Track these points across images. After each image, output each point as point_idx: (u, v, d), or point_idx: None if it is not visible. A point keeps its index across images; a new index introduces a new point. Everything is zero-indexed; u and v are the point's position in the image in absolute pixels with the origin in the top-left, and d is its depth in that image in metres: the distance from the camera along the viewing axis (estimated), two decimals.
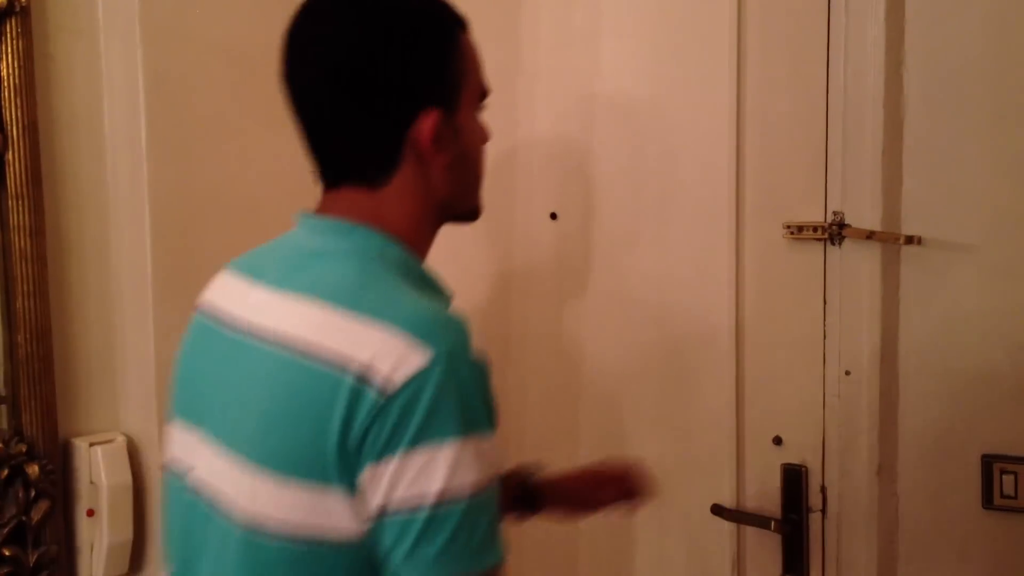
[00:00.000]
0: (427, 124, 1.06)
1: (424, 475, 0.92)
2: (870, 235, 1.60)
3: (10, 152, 1.70)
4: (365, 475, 0.94)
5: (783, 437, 1.73)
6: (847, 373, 1.64)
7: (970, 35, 1.55)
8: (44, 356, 1.76)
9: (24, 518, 1.75)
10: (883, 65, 1.59)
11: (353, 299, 0.99)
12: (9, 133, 1.69)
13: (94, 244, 1.87)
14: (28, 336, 1.73)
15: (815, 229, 1.65)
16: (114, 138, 1.87)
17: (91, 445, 1.82)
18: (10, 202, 1.71)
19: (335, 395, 0.94)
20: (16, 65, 1.70)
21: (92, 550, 1.84)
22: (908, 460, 1.64)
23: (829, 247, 1.65)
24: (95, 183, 1.86)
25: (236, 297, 1.11)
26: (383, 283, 1.02)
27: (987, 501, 1.57)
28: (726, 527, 1.80)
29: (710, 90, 1.75)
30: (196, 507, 1.08)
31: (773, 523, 1.71)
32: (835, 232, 1.63)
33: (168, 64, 1.86)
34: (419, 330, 0.94)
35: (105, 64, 1.85)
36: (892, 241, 1.59)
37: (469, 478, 0.93)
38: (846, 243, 1.63)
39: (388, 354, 0.93)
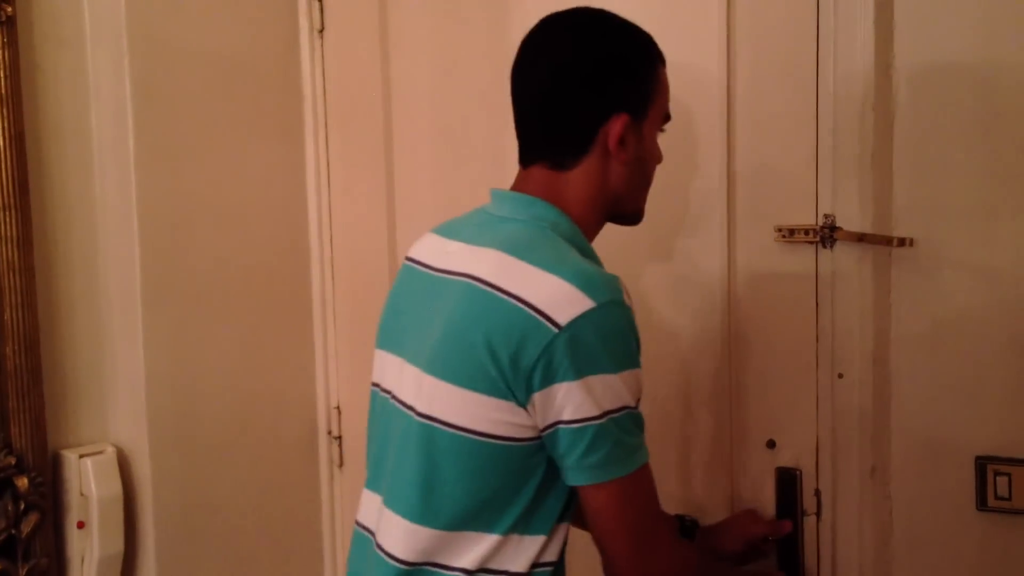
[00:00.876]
0: (618, 123, 1.29)
1: (592, 398, 1.15)
2: (861, 237, 1.60)
3: None
4: (538, 394, 1.16)
5: (776, 440, 1.72)
6: (840, 376, 1.64)
7: (960, 37, 1.55)
8: (32, 368, 1.74)
9: (14, 531, 1.74)
10: (872, 67, 1.59)
11: (527, 252, 1.21)
12: None
13: (82, 254, 1.86)
14: (16, 347, 1.72)
15: (807, 232, 1.65)
16: (101, 148, 1.86)
17: (81, 457, 1.81)
18: None
19: (512, 318, 1.16)
20: (2, 75, 1.69)
21: (83, 562, 1.83)
22: (901, 462, 1.63)
23: (821, 250, 1.65)
24: (83, 193, 1.85)
25: (437, 250, 1.35)
26: (553, 244, 1.24)
27: (981, 503, 1.57)
28: None
29: (700, 92, 1.75)
30: (390, 412, 1.33)
31: None
32: (827, 235, 1.63)
33: (155, 74, 1.85)
34: (584, 281, 1.16)
35: (92, 74, 1.85)
36: (884, 243, 1.60)
37: (623, 400, 1.18)
38: (838, 246, 1.63)
39: (559, 296, 1.15)
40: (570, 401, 1.16)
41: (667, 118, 1.39)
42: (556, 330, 1.14)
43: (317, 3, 2.19)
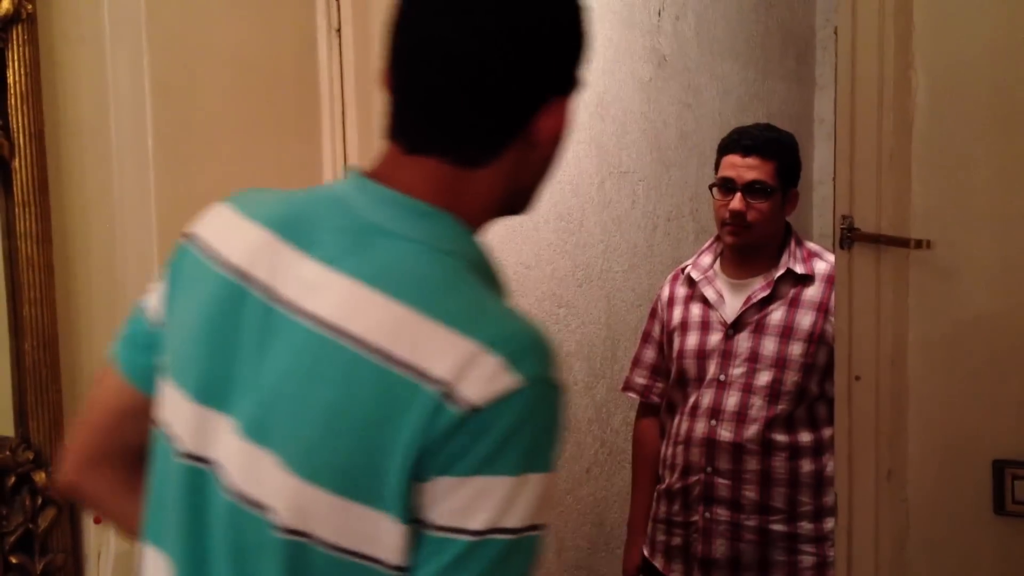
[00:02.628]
0: (557, 111, 0.97)
1: (479, 502, 0.87)
2: (879, 239, 1.60)
3: (17, 159, 1.69)
4: (420, 490, 0.88)
5: None
6: (857, 378, 1.64)
7: (980, 38, 1.54)
8: (51, 364, 1.75)
9: (31, 526, 1.75)
10: (892, 68, 1.58)
11: (435, 303, 0.90)
12: (16, 140, 1.69)
13: (101, 251, 1.87)
14: (35, 343, 1.73)
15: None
16: (120, 145, 1.86)
17: None
18: (17, 209, 1.70)
19: (412, 404, 0.87)
20: (23, 72, 1.69)
21: (99, 557, 1.84)
22: (918, 466, 1.63)
23: (838, 251, 1.64)
24: (101, 190, 1.86)
25: (279, 265, 0.96)
26: (467, 288, 0.93)
27: (998, 507, 1.56)
28: None
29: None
30: (210, 496, 0.97)
31: None
32: (844, 236, 1.62)
33: (174, 72, 1.86)
34: (511, 351, 0.88)
35: (111, 71, 1.85)
36: (901, 245, 1.59)
37: (520, 516, 0.87)
38: (855, 247, 1.62)
39: (475, 371, 0.86)
40: (450, 500, 0.87)
41: (582, 87, 1.06)
42: (467, 412, 0.86)
43: (335, 1, 2.19)
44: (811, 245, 2.28)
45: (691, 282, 2.32)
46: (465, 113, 0.95)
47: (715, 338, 2.22)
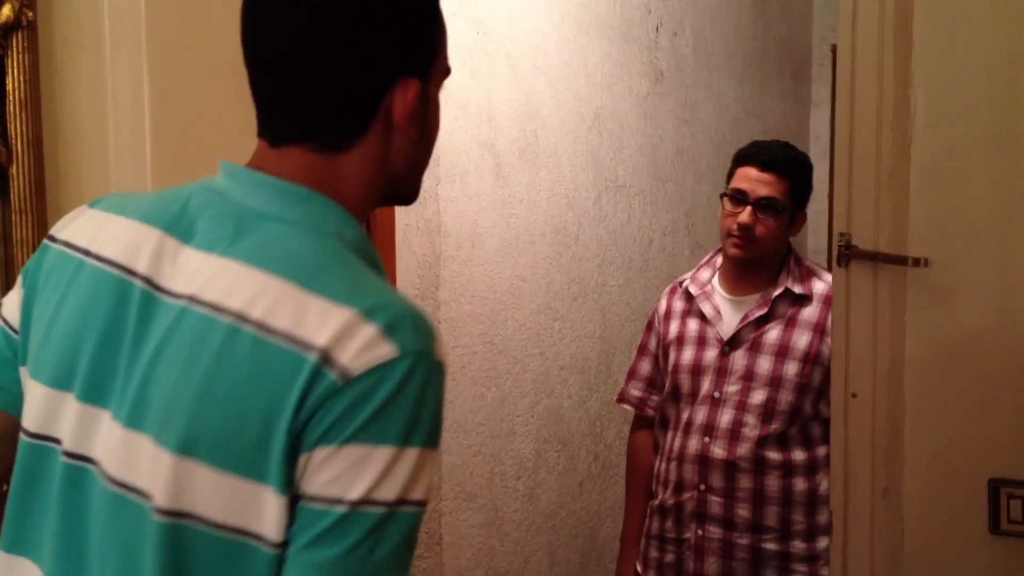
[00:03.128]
0: (411, 93, 0.98)
1: (355, 471, 0.86)
2: (877, 256, 1.60)
3: (14, 166, 1.69)
4: (300, 462, 0.87)
5: None
6: (853, 395, 1.64)
7: (979, 58, 1.55)
8: None
9: None
10: (892, 86, 1.59)
11: (314, 279, 0.91)
12: (13, 147, 1.69)
13: None
14: None
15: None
16: (119, 152, 1.86)
17: None
18: (14, 216, 1.70)
19: (295, 373, 0.87)
20: (22, 79, 1.69)
21: None
22: (914, 484, 1.62)
23: (835, 268, 1.64)
24: (99, 197, 1.85)
25: (159, 257, 0.96)
26: (346, 266, 0.94)
27: (994, 526, 1.56)
28: None
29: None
30: (90, 493, 0.95)
31: None
32: (842, 253, 1.62)
33: (174, 79, 1.85)
34: (389, 321, 0.88)
35: (111, 79, 1.85)
36: (899, 263, 1.59)
37: (396, 488, 0.87)
38: (853, 264, 1.62)
39: (353, 339, 0.87)
40: (327, 470, 0.86)
41: (447, 72, 1.07)
42: (345, 380, 0.86)
43: None
44: (810, 264, 2.28)
45: (689, 296, 2.31)
46: (315, 99, 0.97)
47: (711, 354, 2.22)
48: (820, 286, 2.18)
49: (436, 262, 2.52)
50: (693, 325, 2.28)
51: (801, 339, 2.13)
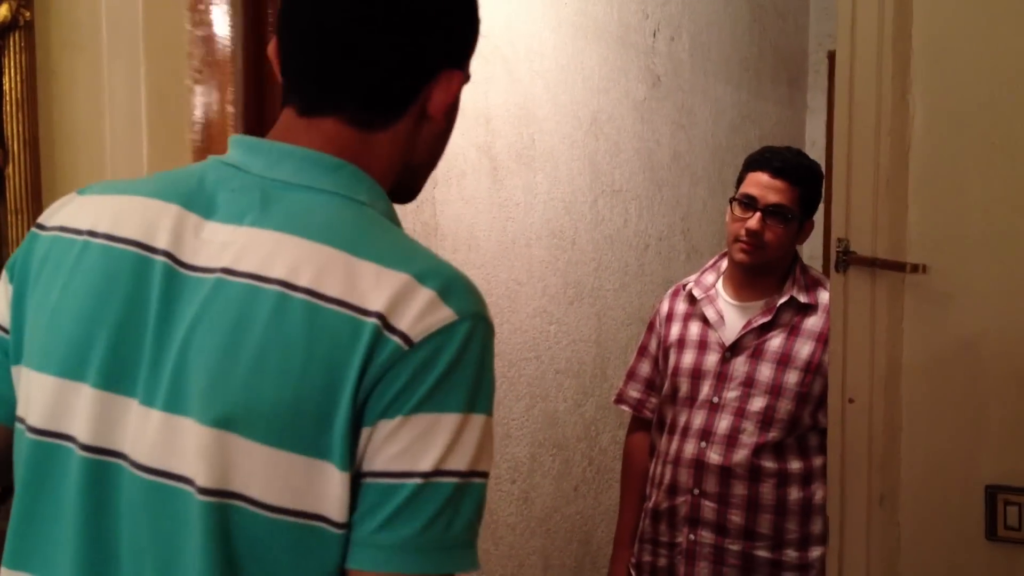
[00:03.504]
0: (453, 84, 0.97)
1: (425, 440, 0.82)
2: (875, 263, 1.60)
3: (10, 166, 1.68)
4: (364, 436, 0.83)
5: None
6: (850, 401, 1.64)
7: (978, 65, 1.55)
8: None
9: None
10: (890, 93, 1.59)
11: (360, 244, 0.87)
12: (10, 148, 1.68)
13: None
14: None
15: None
16: (115, 153, 1.85)
17: None
18: (9, 217, 1.69)
19: (354, 341, 0.82)
20: (18, 80, 1.69)
21: None
22: (911, 489, 1.63)
23: (833, 274, 1.64)
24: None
25: (180, 232, 0.91)
26: (388, 231, 0.91)
27: (990, 532, 1.56)
28: None
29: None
30: (119, 489, 0.88)
31: None
32: (840, 259, 1.63)
33: (170, 80, 1.85)
34: (444, 284, 0.85)
35: (107, 80, 1.84)
36: (897, 269, 1.59)
37: (467, 458, 0.84)
38: (851, 270, 1.63)
39: (411, 304, 0.83)
40: (394, 442, 0.82)
41: (468, 78, 1.05)
42: (410, 344, 0.82)
43: None
44: (816, 274, 2.25)
45: (692, 299, 2.29)
46: (359, 78, 0.95)
47: (712, 359, 2.20)
48: (825, 296, 2.12)
49: None
50: (695, 328, 2.26)
51: (804, 348, 2.10)
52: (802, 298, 2.14)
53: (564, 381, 2.97)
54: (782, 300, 2.14)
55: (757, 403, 2.11)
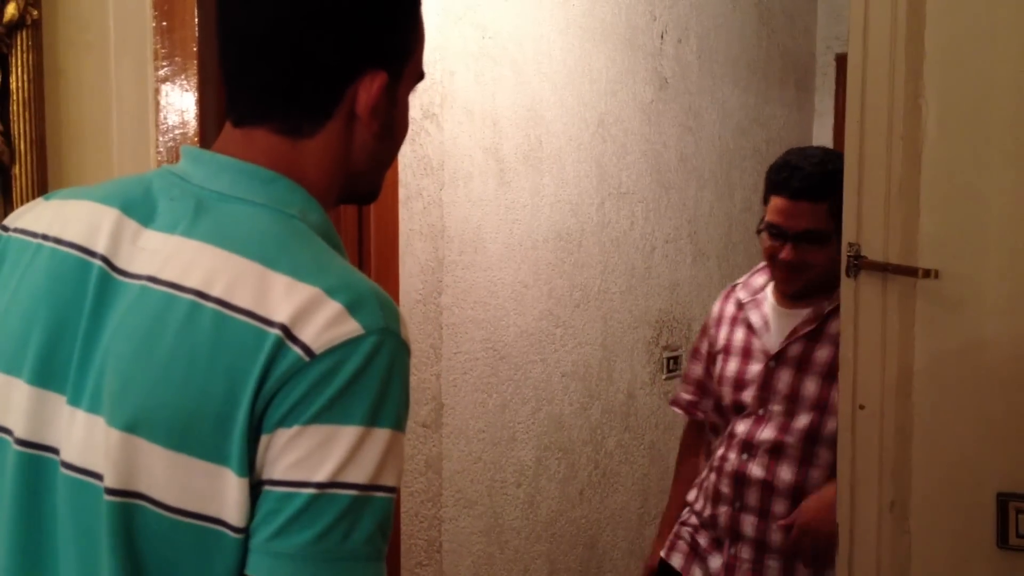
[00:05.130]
0: (376, 85, 0.97)
1: (322, 451, 0.83)
2: (886, 268, 1.59)
3: (17, 166, 1.68)
4: (262, 444, 0.85)
5: None
6: (861, 407, 1.62)
7: (991, 68, 1.54)
8: None
9: None
10: (902, 96, 1.58)
11: (276, 257, 0.89)
12: (17, 147, 1.67)
13: None
14: None
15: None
16: (122, 153, 1.85)
17: None
18: None
19: (257, 350, 0.84)
20: (26, 79, 1.68)
21: None
22: (922, 497, 1.61)
23: (844, 278, 1.63)
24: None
25: (119, 238, 0.94)
26: (309, 245, 0.93)
27: (1002, 540, 1.55)
28: None
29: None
30: (50, 482, 0.92)
31: None
32: (851, 263, 1.61)
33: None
34: (353, 299, 0.86)
35: (115, 80, 1.84)
36: (909, 274, 1.58)
37: (367, 471, 0.84)
38: (862, 275, 1.61)
39: (317, 316, 0.85)
40: (291, 451, 0.83)
41: (420, 77, 1.07)
42: (310, 357, 0.83)
43: None
44: None
45: (740, 303, 2.18)
46: (280, 81, 0.96)
47: (755, 368, 2.08)
48: None
49: (439, 267, 2.50)
50: (740, 334, 2.15)
51: None
52: None
53: (570, 384, 2.96)
54: (830, 307, 1.99)
55: (802, 419, 1.99)
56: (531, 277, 2.78)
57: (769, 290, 2.14)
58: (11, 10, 1.64)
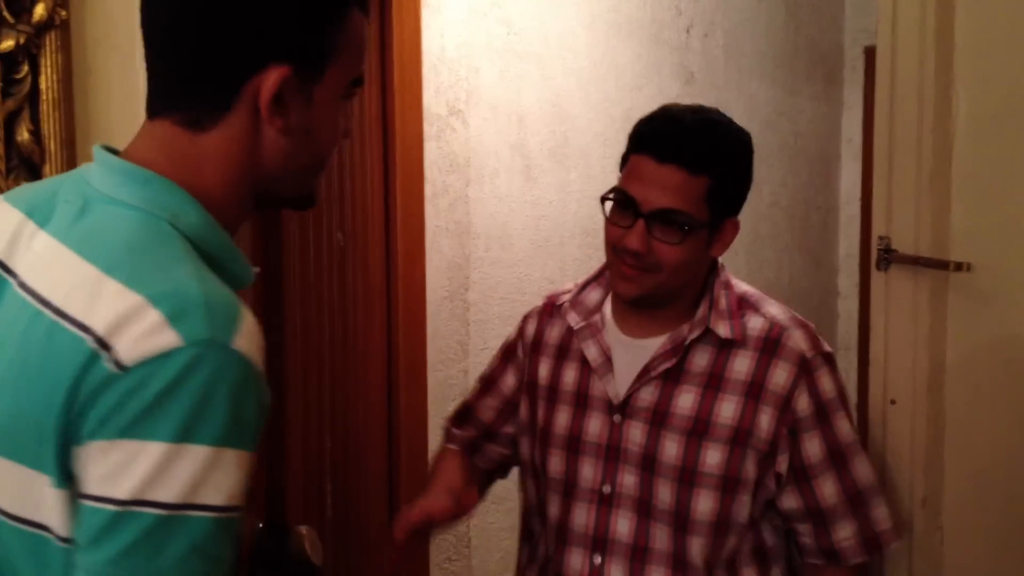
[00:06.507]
0: (272, 77, 0.94)
1: (126, 468, 0.81)
2: (917, 261, 1.57)
3: (47, 165, 1.69)
4: (76, 455, 0.83)
5: None
6: (892, 402, 1.61)
7: (1022, 59, 1.52)
8: None
9: None
10: (933, 88, 1.56)
11: (119, 262, 0.87)
12: (47, 146, 1.69)
13: None
14: None
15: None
16: None
17: None
18: None
19: (72, 360, 0.83)
20: (55, 79, 1.69)
21: None
22: (954, 492, 1.59)
23: (874, 272, 1.62)
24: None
25: (18, 241, 0.95)
26: (161, 250, 0.89)
27: None
28: None
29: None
30: None
31: None
32: (881, 257, 1.60)
33: None
34: (177, 308, 0.83)
35: (143, 79, 1.85)
36: (940, 267, 1.56)
37: (175, 489, 0.81)
38: (892, 268, 1.60)
39: (133, 326, 0.82)
40: (100, 466, 0.82)
41: (357, 83, 1.04)
42: (120, 368, 0.81)
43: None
44: (744, 289, 1.52)
45: (569, 327, 1.55)
46: (182, 70, 0.95)
47: (595, 423, 1.49)
48: (757, 323, 1.45)
49: (465, 264, 2.50)
50: (571, 374, 1.54)
51: (727, 408, 1.41)
52: (722, 330, 1.44)
53: None
54: (693, 335, 1.45)
55: (665, 496, 1.42)
56: (558, 273, 2.78)
57: (608, 310, 1.55)
58: (40, 11, 1.65)
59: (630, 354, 1.48)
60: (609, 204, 1.44)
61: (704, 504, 1.41)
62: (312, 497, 2.11)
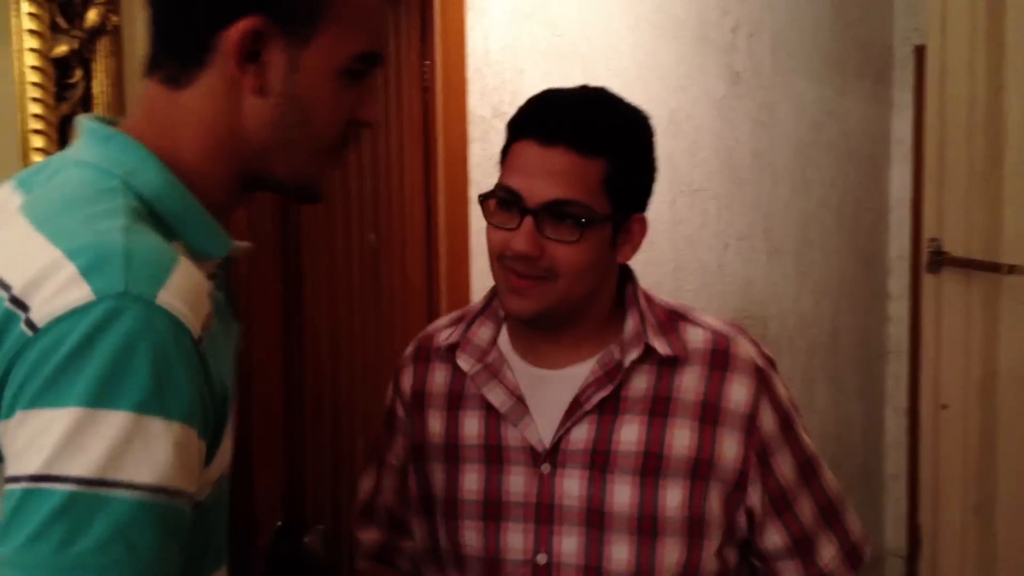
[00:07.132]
0: (238, 27, 0.88)
1: (36, 440, 0.72)
2: (969, 263, 1.55)
3: None
4: (3, 430, 0.75)
5: None
6: (944, 407, 1.58)
7: None
8: None
9: None
10: (984, 89, 1.54)
11: (51, 219, 0.81)
12: None
13: None
14: None
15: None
16: None
17: None
18: None
19: None
20: (107, 84, 1.71)
21: None
22: (1008, 498, 1.57)
23: (925, 275, 1.60)
24: None
25: (3, 208, 0.91)
26: (95, 205, 0.83)
27: None
28: None
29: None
30: None
31: None
32: (932, 259, 1.58)
33: None
34: (93, 260, 0.76)
35: None
36: (992, 270, 1.54)
37: (91, 460, 0.71)
38: (944, 271, 1.58)
39: (48, 282, 0.75)
40: (16, 440, 0.74)
41: (369, 61, 0.95)
42: (33, 330, 0.74)
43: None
44: (666, 303, 1.33)
45: (459, 370, 1.30)
46: (162, 24, 0.93)
47: (517, 480, 1.25)
48: (697, 336, 1.27)
49: None
50: (472, 424, 1.29)
51: (680, 437, 1.21)
52: (660, 347, 1.24)
53: None
54: (633, 355, 1.24)
55: (621, 556, 1.20)
56: None
57: (507, 344, 1.32)
58: (92, 16, 1.68)
59: (549, 389, 1.25)
60: (490, 204, 1.24)
61: (670, 557, 1.19)
62: (342, 499, 2.11)
